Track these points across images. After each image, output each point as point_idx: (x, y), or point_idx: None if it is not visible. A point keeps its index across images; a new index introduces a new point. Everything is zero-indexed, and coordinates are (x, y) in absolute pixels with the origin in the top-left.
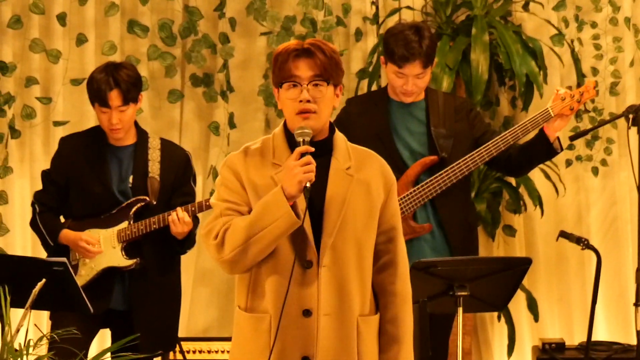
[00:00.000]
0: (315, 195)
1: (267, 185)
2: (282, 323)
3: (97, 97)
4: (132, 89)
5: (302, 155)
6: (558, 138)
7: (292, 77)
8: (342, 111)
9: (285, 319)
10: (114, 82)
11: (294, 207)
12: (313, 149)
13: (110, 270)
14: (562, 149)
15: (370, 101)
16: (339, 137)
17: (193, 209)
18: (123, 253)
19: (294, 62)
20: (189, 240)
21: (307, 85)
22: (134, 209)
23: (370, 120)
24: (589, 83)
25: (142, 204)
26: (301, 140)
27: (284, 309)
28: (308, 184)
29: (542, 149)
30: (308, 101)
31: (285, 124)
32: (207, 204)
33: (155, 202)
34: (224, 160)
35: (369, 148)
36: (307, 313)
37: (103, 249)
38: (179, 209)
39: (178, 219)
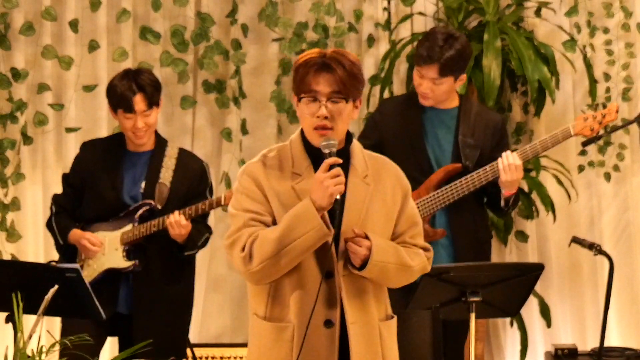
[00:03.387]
0: (334, 203)
1: (289, 196)
2: (304, 334)
3: (122, 103)
4: (155, 92)
5: (331, 167)
6: (512, 196)
7: (311, 91)
8: (377, 111)
9: (307, 330)
10: (137, 86)
11: (322, 218)
12: (341, 161)
13: (114, 273)
14: (507, 208)
15: (404, 104)
16: (356, 145)
17: (190, 212)
18: (124, 255)
19: (315, 76)
20: (189, 243)
21: (326, 102)
22: (139, 213)
23: (403, 123)
24: (612, 106)
25: (147, 207)
26: (328, 152)
27: (310, 320)
28: (338, 196)
29: (496, 202)
30: (326, 117)
31: (302, 132)
32: (203, 207)
33: (160, 207)
34: (242, 169)
35: (399, 150)
36: (328, 323)
37: (107, 251)
38: (176, 212)
39: (174, 222)
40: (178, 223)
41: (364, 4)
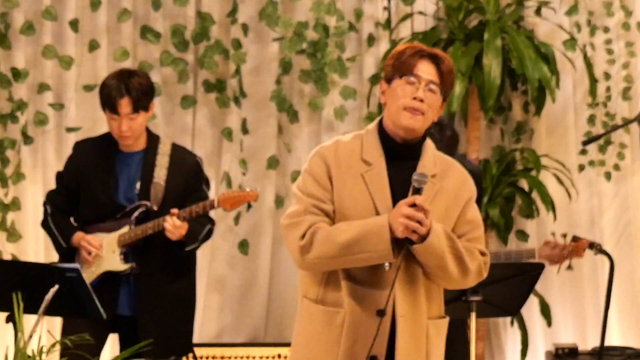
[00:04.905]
0: (399, 196)
1: (356, 182)
2: (355, 321)
3: (108, 103)
4: (142, 97)
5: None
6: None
7: (413, 74)
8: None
9: (358, 317)
10: (125, 89)
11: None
12: (428, 208)
13: (113, 275)
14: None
15: None
16: (429, 144)
17: (184, 214)
18: (121, 257)
19: (420, 61)
20: (189, 239)
21: (424, 86)
22: (135, 215)
23: None
24: (582, 244)
25: (143, 209)
26: (417, 186)
27: (360, 308)
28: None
29: None
30: (421, 100)
31: (380, 122)
32: (197, 210)
33: (156, 208)
34: (314, 150)
35: None
36: (380, 313)
37: (104, 253)
38: (167, 218)
39: (171, 228)
40: (174, 227)
41: (364, 3)
